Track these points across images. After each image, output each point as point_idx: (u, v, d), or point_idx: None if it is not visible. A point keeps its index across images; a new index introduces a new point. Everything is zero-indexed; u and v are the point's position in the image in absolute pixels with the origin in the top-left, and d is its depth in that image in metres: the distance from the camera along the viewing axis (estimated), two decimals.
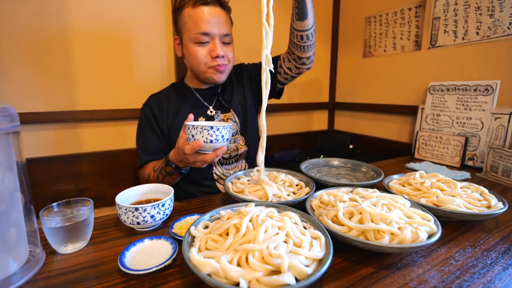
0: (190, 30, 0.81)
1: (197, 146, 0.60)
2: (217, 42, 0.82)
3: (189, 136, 0.61)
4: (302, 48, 0.84)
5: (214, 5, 0.80)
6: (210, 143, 0.60)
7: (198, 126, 0.59)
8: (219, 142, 0.60)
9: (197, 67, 0.85)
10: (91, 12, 1.07)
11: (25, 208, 0.43)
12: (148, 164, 0.88)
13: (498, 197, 0.60)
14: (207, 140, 0.59)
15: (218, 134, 0.60)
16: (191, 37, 0.81)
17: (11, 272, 0.40)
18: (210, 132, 0.59)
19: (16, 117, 0.42)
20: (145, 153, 0.89)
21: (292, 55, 0.87)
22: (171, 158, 0.74)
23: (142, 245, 0.47)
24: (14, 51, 0.97)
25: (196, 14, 0.79)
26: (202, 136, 0.59)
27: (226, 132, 0.61)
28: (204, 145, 0.60)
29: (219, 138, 0.60)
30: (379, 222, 0.45)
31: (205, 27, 0.79)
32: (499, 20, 0.97)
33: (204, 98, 0.94)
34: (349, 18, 1.61)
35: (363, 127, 1.60)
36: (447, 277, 0.40)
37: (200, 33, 0.79)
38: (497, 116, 0.95)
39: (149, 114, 0.90)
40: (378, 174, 0.77)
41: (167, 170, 0.76)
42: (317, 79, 1.74)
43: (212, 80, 0.88)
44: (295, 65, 0.89)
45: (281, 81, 0.95)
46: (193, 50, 0.82)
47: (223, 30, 0.82)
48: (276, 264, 0.35)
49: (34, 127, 1.05)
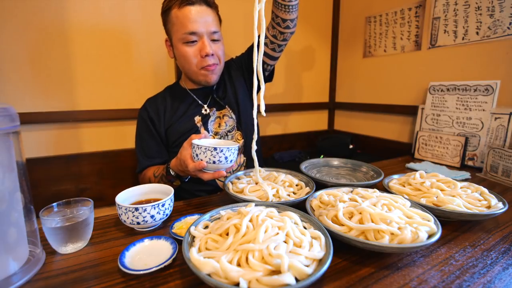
0: (178, 31, 0.81)
1: (200, 167, 0.60)
2: (205, 40, 0.82)
3: (194, 155, 0.61)
4: (286, 8, 0.81)
5: (199, 4, 0.80)
6: (213, 164, 0.60)
7: (202, 146, 0.59)
8: (222, 164, 0.60)
9: (189, 68, 0.87)
10: (91, 12, 1.07)
11: (25, 208, 0.43)
12: (148, 169, 0.88)
13: (498, 197, 0.60)
14: (210, 161, 0.59)
15: (222, 156, 0.59)
16: (180, 37, 0.82)
17: (11, 272, 0.40)
18: (213, 153, 0.59)
19: (16, 117, 0.42)
20: (144, 157, 0.90)
21: (276, 19, 0.84)
22: (172, 167, 0.73)
23: (142, 245, 0.47)
24: (14, 51, 0.97)
25: (183, 15, 0.79)
26: (205, 156, 0.59)
27: (229, 154, 0.61)
28: (207, 165, 0.60)
29: (222, 159, 0.60)
30: (379, 222, 0.45)
31: (192, 26, 0.79)
32: (499, 20, 0.97)
33: (199, 98, 0.95)
34: (349, 18, 1.61)
35: (363, 127, 1.60)
36: (447, 277, 0.40)
37: (188, 33, 0.80)
38: (497, 116, 0.95)
39: (146, 118, 0.91)
40: (378, 174, 0.77)
41: (167, 178, 0.76)
42: (317, 79, 1.74)
43: (205, 82, 0.89)
44: (279, 30, 0.86)
45: (269, 54, 0.92)
46: (182, 50, 0.83)
47: (210, 28, 0.82)
48: (276, 264, 0.35)
49: (34, 127, 1.05)
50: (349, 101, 1.68)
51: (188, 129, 0.91)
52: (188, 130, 0.90)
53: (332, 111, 1.81)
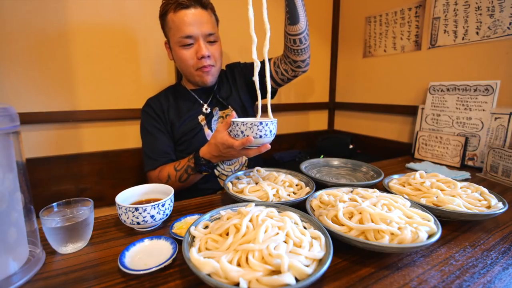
0: (174, 34, 0.83)
1: (248, 142, 0.61)
2: (201, 42, 0.84)
3: (237, 133, 0.62)
4: (296, 52, 0.85)
5: (194, 7, 0.81)
6: (260, 138, 0.61)
7: (247, 122, 0.61)
8: (267, 137, 0.62)
9: (186, 70, 0.89)
10: (92, 12, 1.07)
11: (25, 208, 0.43)
12: (165, 165, 0.87)
13: (498, 197, 0.60)
14: (257, 135, 0.61)
15: (267, 129, 0.61)
16: (176, 41, 0.84)
17: (11, 272, 0.40)
18: (259, 128, 0.60)
19: (16, 117, 0.42)
20: (157, 154, 0.89)
21: (287, 58, 0.88)
22: (204, 154, 0.75)
23: (142, 245, 0.48)
24: (14, 51, 0.97)
25: (178, 18, 0.81)
26: (252, 131, 0.61)
27: (273, 127, 0.63)
28: (254, 140, 0.61)
29: (267, 133, 0.62)
30: (379, 222, 0.45)
31: (187, 30, 0.81)
32: (499, 20, 0.97)
33: (200, 97, 0.96)
34: (349, 18, 1.61)
35: (363, 127, 1.60)
36: (447, 277, 0.40)
37: (183, 36, 0.82)
38: (497, 116, 0.95)
39: (154, 114, 0.92)
40: (378, 174, 0.77)
41: (197, 168, 0.76)
42: (317, 79, 1.74)
43: (201, 83, 0.90)
44: (291, 68, 0.90)
45: (278, 82, 0.96)
46: (179, 53, 0.85)
47: (205, 30, 0.83)
48: (276, 264, 0.35)
49: (34, 127, 1.05)
50: (349, 101, 1.68)
51: (192, 128, 0.91)
52: (192, 129, 0.91)
53: (332, 111, 1.81)
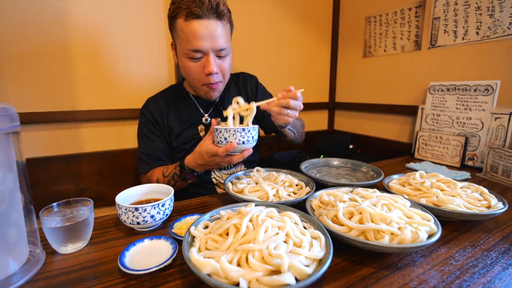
0: (182, 44, 0.76)
1: (231, 148, 0.61)
2: (210, 58, 0.76)
3: (221, 140, 0.63)
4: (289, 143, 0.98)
5: (208, 18, 0.72)
6: (243, 144, 0.63)
7: (231, 129, 0.62)
8: (249, 143, 0.64)
9: (191, 82, 0.85)
10: (91, 12, 1.07)
11: (25, 208, 0.43)
12: (155, 169, 0.86)
13: (498, 197, 0.60)
14: (240, 141, 0.62)
15: (249, 135, 0.63)
16: (184, 52, 0.76)
17: (11, 272, 0.40)
18: (242, 134, 0.62)
19: (16, 117, 0.42)
20: (151, 158, 0.88)
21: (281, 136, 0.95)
22: (188, 163, 0.74)
23: (142, 245, 0.47)
24: (14, 51, 0.97)
25: (188, 29, 0.72)
26: (235, 138, 0.62)
27: (255, 133, 0.65)
28: (236, 146, 0.62)
29: (249, 139, 0.63)
30: (379, 222, 0.45)
31: (196, 44, 0.73)
32: (499, 20, 0.97)
33: (201, 106, 0.93)
34: (349, 18, 1.61)
35: (363, 127, 1.60)
36: (447, 277, 0.40)
37: (192, 50, 0.74)
38: (497, 116, 0.95)
39: (151, 118, 0.89)
40: (378, 174, 0.77)
41: (182, 176, 0.75)
42: (317, 79, 1.74)
43: (205, 98, 0.88)
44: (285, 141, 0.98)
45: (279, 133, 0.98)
46: (186, 65, 0.79)
47: (218, 46, 0.75)
48: (276, 264, 0.35)
49: (34, 127, 1.05)
50: (349, 101, 1.68)
51: (191, 138, 0.89)
52: (191, 139, 0.89)
53: (332, 111, 1.81)
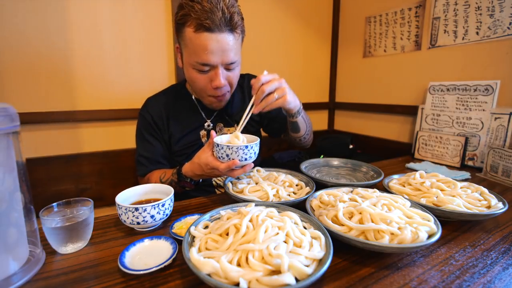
0: (190, 55, 0.72)
1: (233, 165, 0.61)
2: (219, 72, 0.72)
3: (222, 155, 0.62)
4: (298, 144, 0.98)
5: (220, 31, 0.67)
6: (245, 161, 0.62)
7: (233, 146, 0.60)
8: (251, 159, 0.63)
9: (197, 92, 0.82)
10: (92, 12, 1.07)
11: (25, 208, 0.43)
12: (153, 173, 0.85)
13: (498, 197, 0.60)
14: (242, 158, 0.61)
15: (252, 152, 0.62)
16: (191, 63, 0.72)
17: (11, 272, 0.40)
18: (245, 151, 0.61)
19: (16, 117, 0.42)
20: (149, 161, 0.86)
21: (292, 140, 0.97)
22: (186, 172, 0.72)
23: (142, 245, 0.47)
24: (14, 51, 0.97)
25: (198, 41, 0.68)
26: (238, 155, 0.61)
27: (257, 149, 0.64)
28: (239, 163, 0.62)
29: (252, 155, 0.62)
30: (379, 222, 0.45)
31: (206, 58, 0.69)
32: (499, 20, 0.97)
33: (204, 110, 0.89)
34: (349, 18, 1.61)
35: (363, 127, 1.60)
36: (447, 277, 0.40)
37: (200, 63, 0.71)
38: (497, 116, 0.95)
39: (151, 121, 0.86)
40: (378, 174, 0.77)
41: (180, 184, 0.75)
42: (317, 79, 1.74)
43: (211, 107, 0.86)
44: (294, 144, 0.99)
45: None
46: (193, 75, 0.75)
47: (227, 59, 0.71)
48: (276, 264, 0.35)
49: (34, 127, 1.05)
50: (349, 101, 1.68)
51: (192, 143, 0.88)
52: (192, 144, 0.87)
53: (332, 111, 1.81)
